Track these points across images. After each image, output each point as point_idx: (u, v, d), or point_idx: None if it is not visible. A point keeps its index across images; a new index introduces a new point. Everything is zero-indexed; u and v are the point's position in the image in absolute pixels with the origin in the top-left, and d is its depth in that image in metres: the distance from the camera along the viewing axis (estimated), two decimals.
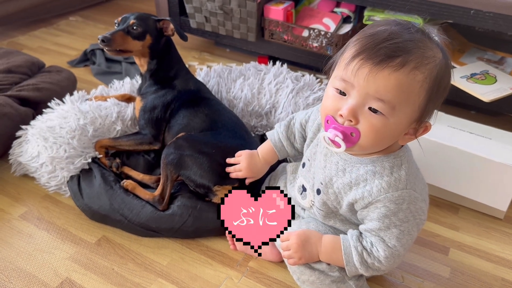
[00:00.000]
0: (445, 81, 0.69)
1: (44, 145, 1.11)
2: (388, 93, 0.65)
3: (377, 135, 0.69)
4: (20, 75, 1.43)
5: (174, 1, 1.79)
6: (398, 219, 0.74)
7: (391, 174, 0.74)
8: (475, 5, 1.27)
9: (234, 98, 1.33)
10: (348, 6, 1.61)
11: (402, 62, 0.64)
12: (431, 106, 0.69)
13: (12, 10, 1.96)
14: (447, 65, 0.69)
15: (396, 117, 0.67)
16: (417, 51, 0.65)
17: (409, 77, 0.65)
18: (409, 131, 0.72)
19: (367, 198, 0.74)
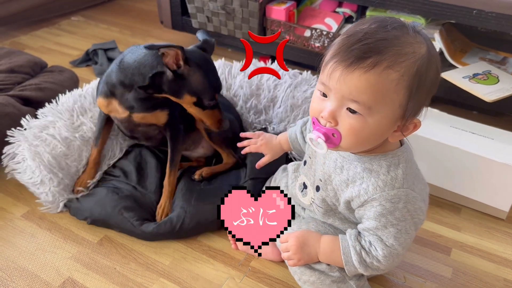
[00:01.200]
0: (430, 76, 0.67)
1: (51, 177, 1.08)
2: (362, 94, 0.65)
3: (357, 135, 0.69)
4: (23, 75, 1.43)
5: (176, 1, 1.79)
6: (394, 218, 0.74)
7: (387, 172, 0.74)
8: (477, 5, 1.27)
9: (234, 95, 1.33)
10: (350, 6, 1.61)
11: (373, 63, 0.64)
12: (414, 103, 0.68)
13: (14, 10, 1.96)
14: (430, 59, 0.67)
15: (375, 117, 0.67)
16: (390, 50, 0.64)
17: (381, 76, 0.64)
18: (397, 129, 0.71)
19: (363, 196, 0.74)
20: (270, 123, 1.29)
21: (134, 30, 2.12)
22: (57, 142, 1.12)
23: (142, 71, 0.98)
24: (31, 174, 1.08)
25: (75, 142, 1.15)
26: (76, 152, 1.15)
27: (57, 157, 1.10)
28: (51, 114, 1.19)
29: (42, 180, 1.07)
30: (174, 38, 2.01)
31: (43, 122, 1.16)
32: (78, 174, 1.14)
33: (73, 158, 1.14)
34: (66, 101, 1.24)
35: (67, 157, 1.13)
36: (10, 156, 1.12)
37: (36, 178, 1.08)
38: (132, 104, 1.04)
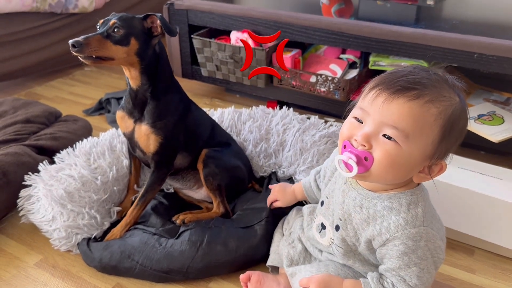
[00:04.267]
0: (461, 124, 0.71)
1: (61, 211, 1.10)
2: (402, 121, 0.68)
3: (390, 163, 0.70)
4: (38, 125, 1.48)
5: (186, 52, 1.87)
6: (417, 256, 0.73)
7: (408, 210, 0.75)
8: (478, 49, 1.31)
9: (244, 140, 1.36)
10: (354, 53, 1.66)
11: (417, 94, 0.68)
12: (444, 144, 0.71)
13: (31, 62, 2.05)
14: (463, 109, 0.71)
15: (409, 147, 0.69)
16: (433, 88, 0.69)
17: (423, 108, 0.68)
18: (424, 170, 0.73)
19: (385, 235, 0.75)
20: (280, 167, 1.31)
21: None
22: (72, 180, 1.15)
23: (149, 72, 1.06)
24: (44, 212, 1.12)
25: (91, 180, 1.17)
26: (91, 188, 1.16)
27: (70, 191, 1.13)
28: (67, 158, 1.25)
29: (53, 216, 1.10)
30: (184, 85, 2.05)
31: (60, 165, 1.21)
32: (92, 204, 1.14)
33: (86, 191, 1.15)
34: (83, 146, 1.29)
35: (80, 191, 1.15)
36: (25, 198, 1.17)
37: (48, 215, 1.11)
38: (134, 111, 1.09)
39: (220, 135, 1.26)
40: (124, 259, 1.03)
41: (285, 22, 1.59)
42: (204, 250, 1.03)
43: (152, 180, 1.11)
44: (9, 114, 1.52)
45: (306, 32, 1.56)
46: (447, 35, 1.35)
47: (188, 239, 1.05)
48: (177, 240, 1.05)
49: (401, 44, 1.42)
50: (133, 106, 1.09)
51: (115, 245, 1.06)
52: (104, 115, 1.83)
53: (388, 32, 1.43)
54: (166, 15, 1.83)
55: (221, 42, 1.68)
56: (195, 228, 1.08)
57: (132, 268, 1.03)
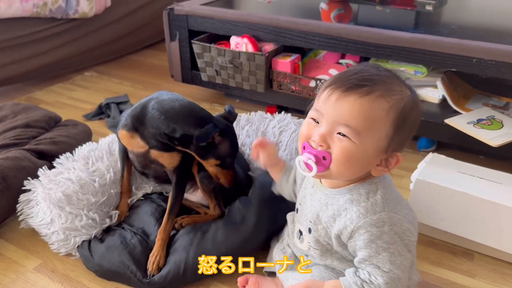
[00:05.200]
0: (413, 116, 0.74)
1: (59, 213, 1.10)
2: (354, 119, 0.71)
3: (347, 159, 0.73)
4: (38, 129, 1.48)
5: (186, 57, 1.87)
6: (384, 242, 0.75)
7: (367, 199, 0.77)
8: (477, 54, 1.32)
9: (242, 145, 1.36)
10: (353, 58, 1.67)
11: (368, 90, 0.71)
12: (398, 137, 0.74)
13: (31, 67, 2.05)
14: (414, 101, 0.74)
15: (363, 143, 0.72)
16: (382, 84, 0.72)
17: (374, 104, 0.71)
18: (381, 163, 0.76)
19: (349, 226, 0.77)
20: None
21: (145, 84, 2.20)
22: (71, 183, 1.15)
23: (176, 125, 1.04)
24: (42, 215, 1.12)
25: (89, 183, 1.17)
26: (90, 191, 1.16)
27: (68, 194, 1.13)
28: (66, 162, 1.25)
29: (52, 219, 1.10)
30: (184, 90, 2.08)
31: (59, 170, 1.22)
32: (90, 207, 1.14)
33: (84, 193, 1.15)
34: (82, 151, 1.29)
35: (78, 193, 1.14)
36: (24, 202, 1.17)
37: (47, 218, 1.11)
38: (153, 141, 1.08)
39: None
40: (122, 268, 1.03)
41: (284, 27, 1.59)
42: (194, 253, 1.03)
43: (177, 192, 1.13)
44: (9, 118, 1.52)
45: (305, 37, 1.57)
46: (446, 40, 1.36)
47: (179, 245, 1.06)
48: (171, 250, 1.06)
49: (400, 49, 1.42)
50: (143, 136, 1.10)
51: (115, 252, 1.05)
52: (104, 119, 1.83)
53: (387, 37, 1.43)
54: (166, 20, 1.84)
55: (221, 47, 1.69)
56: (187, 232, 1.08)
57: (131, 279, 1.02)
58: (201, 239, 1.06)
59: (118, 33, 2.39)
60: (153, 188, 1.28)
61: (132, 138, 1.10)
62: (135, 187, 1.28)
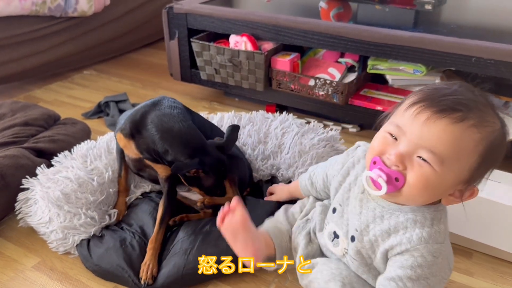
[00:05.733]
0: (500, 150, 0.68)
1: (57, 212, 1.10)
2: (441, 145, 0.65)
3: (423, 187, 0.68)
4: (37, 128, 1.48)
5: (185, 55, 1.87)
6: (430, 272, 0.71)
7: (431, 225, 0.72)
8: (476, 53, 1.32)
9: (243, 144, 1.36)
10: (352, 56, 1.67)
11: (462, 117, 0.64)
12: (481, 170, 0.68)
13: (30, 66, 2.05)
14: (504, 136, 0.68)
15: (445, 172, 0.66)
16: (478, 111, 0.65)
17: (466, 132, 0.64)
18: (455, 193, 0.71)
19: (405, 245, 0.72)
20: (278, 170, 1.31)
21: (144, 82, 2.19)
22: (69, 182, 1.16)
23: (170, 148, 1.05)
24: (41, 214, 1.12)
25: (88, 181, 1.17)
26: (88, 190, 1.16)
27: (67, 192, 1.13)
28: (65, 161, 1.25)
29: (50, 218, 1.10)
30: (183, 89, 2.08)
31: (57, 168, 1.22)
32: (88, 206, 1.14)
33: (83, 192, 1.15)
34: (80, 149, 1.29)
35: (77, 192, 1.14)
36: (23, 201, 1.17)
37: (45, 217, 1.11)
38: (145, 153, 1.10)
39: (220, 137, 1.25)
40: (120, 271, 1.03)
41: (284, 26, 1.59)
42: (194, 256, 1.02)
43: (168, 200, 1.14)
44: (8, 116, 1.52)
45: (305, 36, 1.57)
46: (445, 39, 1.36)
47: (180, 248, 1.05)
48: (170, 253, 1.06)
49: (399, 48, 1.42)
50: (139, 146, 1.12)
51: (113, 254, 1.05)
52: (103, 118, 1.83)
53: (387, 36, 1.43)
54: (166, 19, 1.83)
55: (220, 46, 1.69)
56: (189, 235, 1.08)
57: (129, 282, 1.02)
58: (203, 243, 1.05)
59: (117, 31, 2.39)
60: (151, 186, 1.28)
61: (128, 143, 1.12)
62: (134, 186, 1.28)
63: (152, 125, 1.07)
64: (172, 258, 1.04)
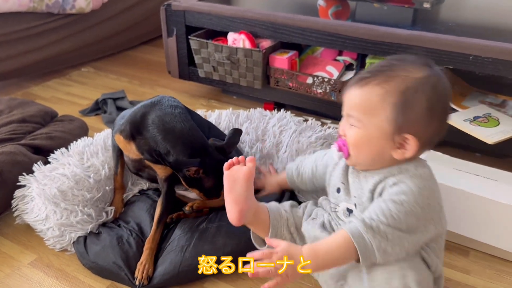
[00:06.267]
0: (419, 96, 0.75)
1: (54, 209, 1.10)
2: (353, 108, 0.80)
3: (356, 143, 0.81)
4: (34, 124, 1.47)
5: (183, 53, 1.87)
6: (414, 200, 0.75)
7: (415, 169, 0.79)
8: (474, 51, 1.32)
9: (241, 142, 1.36)
10: (350, 55, 1.67)
11: (366, 82, 0.78)
12: (404, 119, 0.76)
13: (27, 62, 2.04)
14: (423, 83, 0.76)
15: (367, 127, 0.79)
16: (383, 74, 0.78)
17: (370, 92, 0.77)
18: (398, 146, 0.78)
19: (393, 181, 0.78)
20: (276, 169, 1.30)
21: (142, 80, 2.19)
22: (66, 179, 1.15)
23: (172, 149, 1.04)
24: (37, 211, 1.12)
25: (84, 179, 1.17)
26: (85, 187, 1.16)
27: (63, 190, 1.13)
28: (61, 158, 1.25)
29: (47, 215, 1.10)
30: (181, 86, 2.07)
31: (54, 165, 1.21)
32: (85, 203, 1.14)
33: (79, 189, 1.15)
34: (77, 146, 1.29)
35: (73, 189, 1.14)
36: (19, 198, 1.17)
37: (42, 214, 1.11)
38: (147, 154, 1.09)
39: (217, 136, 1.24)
40: (116, 269, 1.03)
41: (282, 24, 1.59)
42: (191, 253, 1.03)
43: (166, 201, 1.13)
44: (5, 113, 1.52)
45: (303, 34, 1.57)
46: (443, 37, 1.36)
47: (177, 245, 1.05)
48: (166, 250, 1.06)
49: (397, 46, 1.42)
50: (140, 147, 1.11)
51: (110, 253, 1.05)
52: (100, 115, 1.82)
53: (385, 34, 1.43)
54: (164, 16, 1.83)
55: (218, 43, 1.68)
56: (185, 232, 1.08)
57: (125, 280, 1.02)
58: (199, 240, 1.05)
59: (115, 28, 2.38)
60: (149, 184, 1.28)
61: (128, 144, 1.11)
62: (131, 183, 1.28)
63: (154, 125, 1.06)
64: (168, 256, 1.04)
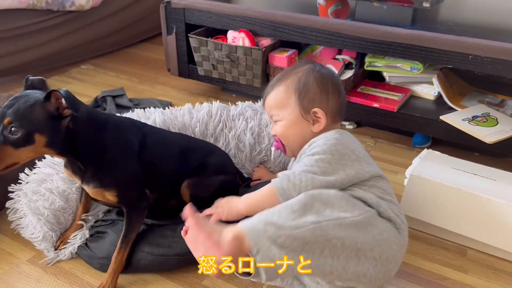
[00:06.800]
0: (309, 80, 0.98)
1: (51, 234, 1.10)
2: (271, 108, 1.03)
3: (285, 134, 1.01)
4: None
5: (182, 51, 1.87)
6: (322, 149, 0.89)
7: (326, 132, 0.96)
8: (473, 50, 1.32)
9: (239, 141, 1.35)
10: (350, 53, 1.67)
11: (271, 88, 1.03)
12: (306, 98, 0.97)
13: (27, 59, 2.04)
14: (306, 72, 0.99)
15: (286, 118, 1.00)
16: (281, 77, 1.02)
17: (276, 92, 1.02)
18: (314, 122, 0.98)
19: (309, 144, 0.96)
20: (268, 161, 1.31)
21: (142, 77, 2.19)
22: (55, 197, 1.12)
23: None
24: (33, 230, 1.10)
25: (72, 195, 1.15)
26: (74, 205, 1.15)
27: (56, 213, 1.11)
28: (48, 167, 1.18)
29: (44, 236, 1.09)
30: (180, 84, 2.07)
31: (41, 176, 1.16)
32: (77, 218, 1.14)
33: (70, 211, 1.14)
34: None
35: (65, 211, 1.13)
36: (13, 211, 1.14)
37: (38, 233, 1.09)
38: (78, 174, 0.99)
39: (194, 154, 1.14)
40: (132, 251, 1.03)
41: (281, 22, 1.59)
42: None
43: (130, 219, 1.01)
44: None
45: (302, 32, 1.57)
46: (442, 37, 1.36)
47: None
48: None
49: (396, 45, 1.42)
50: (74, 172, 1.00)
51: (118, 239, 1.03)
52: None
53: (384, 33, 1.43)
54: (163, 13, 1.83)
55: (218, 41, 1.68)
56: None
57: (142, 259, 1.02)
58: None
59: (115, 26, 2.38)
60: None
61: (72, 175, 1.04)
62: None
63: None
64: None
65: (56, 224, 1.11)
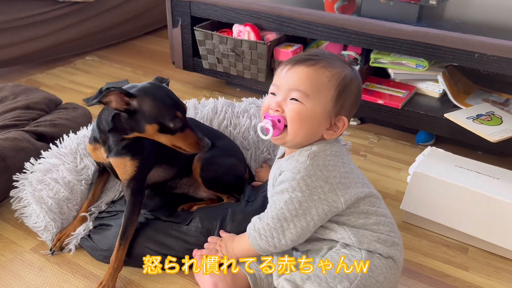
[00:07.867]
0: (353, 87, 0.86)
1: (52, 224, 1.09)
2: (302, 83, 0.84)
3: (298, 118, 0.84)
4: (38, 111, 1.48)
5: (188, 44, 1.87)
6: (291, 185, 0.84)
7: (299, 154, 0.87)
8: (479, 48, 1.32)
9: (243, 138, 1.34)
10: (355, 49, 1.67)
11: (312, 63, 0.85)
12: (341, 101, 0.85)
13: (31, 50, 2.04)
14: (354, 75, 0.87)
15: (312, 104, 0.84)
16: (326, 59, 0.86)
17: (318, 72, 0.84)
18: (331, 127, 0.87)
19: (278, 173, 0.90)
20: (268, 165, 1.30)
21: (146, 70, 2.19)
22: (60, 187, 1.13)
23: (104, 117, 1.00)
24: (36, 219, 1.11)
25: (78, 187, 1.15)
26: (79, 196, 1.15)
27: (59, 202, 1.11)
28: (54, 157, 1.19)
29: (45, 226, 1.09)
30: (184, 77, 2.08)
31: (46, 166, 1.16)
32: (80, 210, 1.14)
33: (75, 202, 1.14)
34: (69, 143, 1.23)
35: (70, 201, 1.13)
36: (17, 200, 1.14)
37: (40, 223, 1.10)
38: (111, 147, 1.02)
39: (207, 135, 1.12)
40: (135, 245, 1.03)
41: (287, 17, 1.59)
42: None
43: (130, 211, 1.01)
44: (9, 100, 1.52)
45: (308, 27, 1.56)
46: (448, 34, 1.36)
47: (202, 226, 1.05)
48: (188, 226, 1.06)
49: (402, 42, 1.42)
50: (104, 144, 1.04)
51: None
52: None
53: (390, 30, 1.43)
54: (169, 6, 1.83)
55: (223, 35, 1.68)
56: (206, 213, 1.08)
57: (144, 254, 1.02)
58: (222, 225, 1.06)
59: (120, 18, 2.38)
60: None
61: (96, 149, 1.07)
62: None
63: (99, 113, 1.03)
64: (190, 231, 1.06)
65: (59, 214, 1.10)
